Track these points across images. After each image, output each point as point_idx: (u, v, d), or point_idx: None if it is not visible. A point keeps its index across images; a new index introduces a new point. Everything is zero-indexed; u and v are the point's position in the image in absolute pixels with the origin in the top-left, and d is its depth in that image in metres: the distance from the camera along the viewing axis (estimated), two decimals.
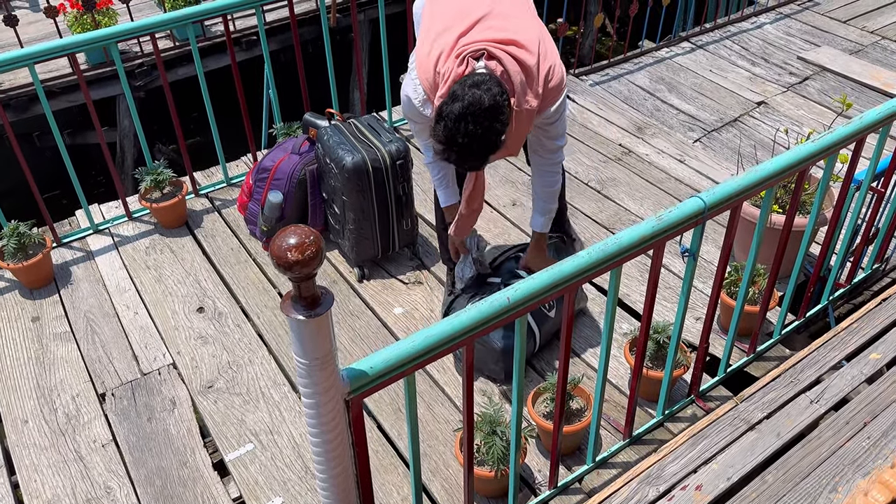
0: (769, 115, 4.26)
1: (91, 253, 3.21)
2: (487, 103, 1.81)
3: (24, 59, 2.78)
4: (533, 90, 1.99)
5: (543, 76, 2.01)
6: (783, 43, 5.03)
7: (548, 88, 2.03)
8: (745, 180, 1.94)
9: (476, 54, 1.96)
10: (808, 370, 2.30)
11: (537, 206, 2.44)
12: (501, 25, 2.03)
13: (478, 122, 1.80)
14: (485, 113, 1.80)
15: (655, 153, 3.90)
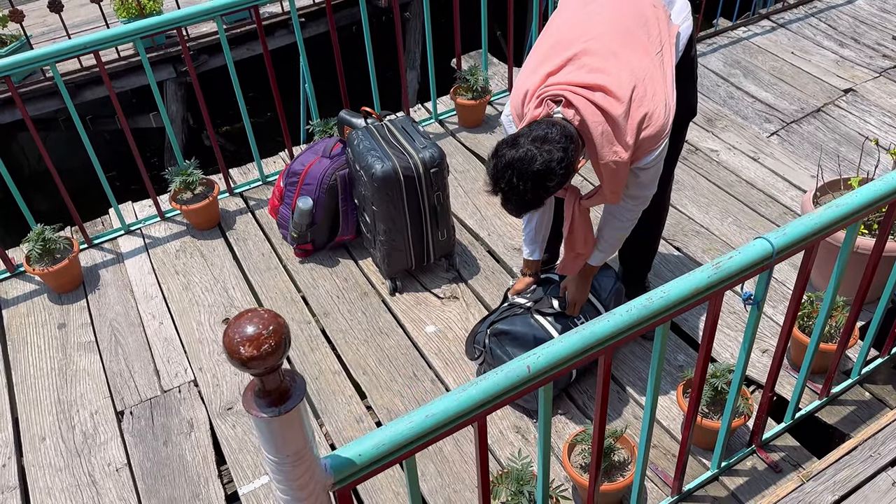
0: (857, 104, 3.81)
1: (121, 255, 3.12)
2: (537, 167, 1.67)
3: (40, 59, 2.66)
4: (621, 141, 1.79)
5: (636, 125, 1.80)
6: (877, 21, 4.50)
7: (642, 138, 1.82)
8: (821, 218, 1.63)
9: (556, 98, 1.79)
10: (891, 442, 1.98)
11: (598, 244, 2.19)
12: (596, 65, 1.82)
13: (522, 179, 1.68)
14: (531, 175, 1.68)
15: (726, 149, 3.54)
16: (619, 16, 1.90)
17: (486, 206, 3.25)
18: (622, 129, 1.78)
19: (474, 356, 2.45)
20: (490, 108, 3.88)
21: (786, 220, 3.06)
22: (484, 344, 2.36)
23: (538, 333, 2.30)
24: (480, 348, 2.39)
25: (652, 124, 1.81)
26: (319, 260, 3.03)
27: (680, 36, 2.03)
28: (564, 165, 1.69)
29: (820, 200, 2.62)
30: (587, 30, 1.88)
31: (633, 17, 1.90)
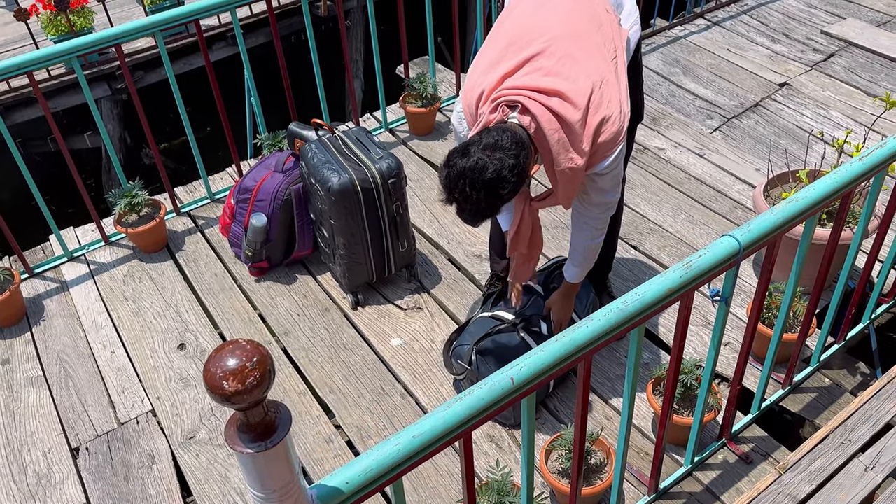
0: (793, 97, 3.94)
1: (66, 284, 2.98)
2: (489, 175, 1.64)
3: None
4: (577, 148, 1.78)
5: (592, 131, 1.79)
6: (805, 16, 4.67)
7: (598, 143, 1.81)
8: (783, 213, 1.66)
9: (512, 103, 1.77)
10: (860, 428, 2.04)
11: (573, 258, 2.20)
12: (553, 69, 1.79)
13: (474, 188, 1.65)
14: (483, 184, 1.64)
15: (672, 147, 3.61)
16: (574, 18, 1.89)
17: (444, 214, 3.23)
18: (578, 136, 1.77)
19: (457, 372, 2.41)
20: (440, 114, 3.86)
21: (736, 214, 3.14)
22: (470, 361, 2.33)
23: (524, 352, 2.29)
24: (465, 365, 2.35)
25: (608, 129, 1.80)
26: (276, 277, 2.95)
27: (630, 41, 2.05)
28: (517, 173, 1.66)
29: (770, 194, 2.69)
30: (544, 31, 1.86)
31: (588, 21, 1.90)
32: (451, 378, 2.50)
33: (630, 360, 1.62)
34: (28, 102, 4.28)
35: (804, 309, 2.31)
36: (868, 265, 2.26)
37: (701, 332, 2.63)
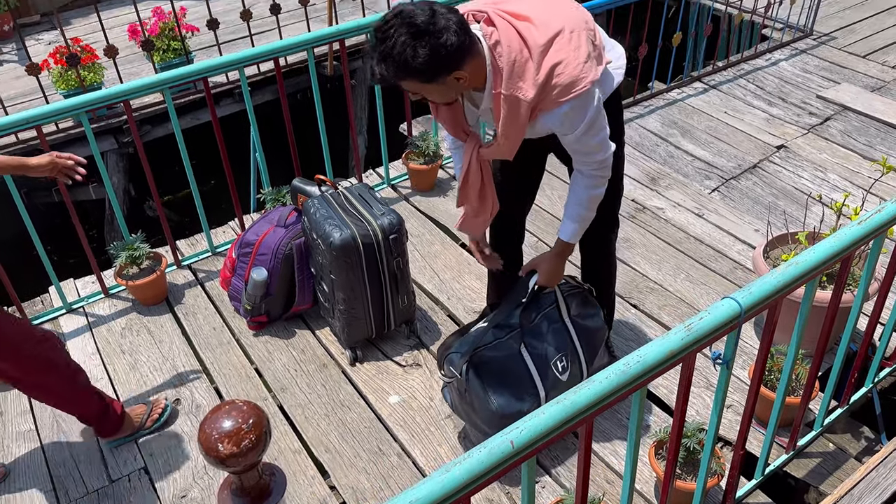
0: (790, 160, 4.00)
1: (63, 336, 2.97)
2: (420, 20, 1.61)
3: None
4: (529, 78, 1.73)
5: (548, 67, 1.72)
6: (801, 81, 4.77)
7: (551, 84, 1.74)
8: (784, 276, 1.66)
9: (478, 15, 1.77)
10: (866, 497, 2.00)
11: (569, 211, 2.06)
12: (531, 3, 1.80)
13: (401, 30, 1.62)
14: (412, 26, 1.61)
15: (671, 207, 3.64)
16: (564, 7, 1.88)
17: (444, 269, 3.24)
18: (534, 66, 1.72)
19: (446, 375, 2.31)
20: (442, 171, 3.90)
21: (737, 275, 3.14)
22: (461, 370, 2.21)
23: (520, 371, 2.23)
24: (455, 372, 2.23)
25: (566, 73, 1.73)
26: (275, 332, 2.94)
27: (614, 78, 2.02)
28: (455, 40, 1.62)
29: (770, 255, 2.69)
30: None
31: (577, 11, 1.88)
32: (449, 438, 2.46)
33: (632, 423, 1.60)
34: (34, 154, 4.33)
35: (806, 372, 2.29)
36: (870, 328, 2.26)
37: (703, 393, 2.60)
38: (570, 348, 2.32)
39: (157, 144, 4.67)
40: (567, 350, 2.31)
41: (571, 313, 2.35)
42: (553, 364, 2.28)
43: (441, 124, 2.04)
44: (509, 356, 2.24)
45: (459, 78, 1.72)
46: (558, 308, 2.34)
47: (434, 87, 1.74)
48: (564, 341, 2.31)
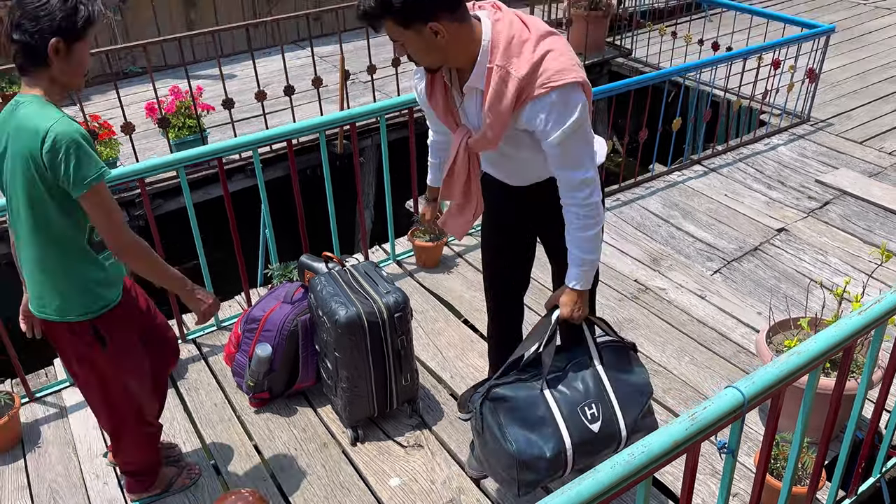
0: (791, 242, 4.05)
1: (65, 409, 2.96)
2: None
3: None
4: (526, 54, 1.82)
5: (543, 50, 1.83)
6: (799, 165, 4.88)
7: (542, 67, 1.82)
8: (786, 366, 1.68)
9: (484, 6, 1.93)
10: None
11: (570, 256, 2.05)
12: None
13: None
14: None
15: (674, 288, 3.67)
16: None
17: (448, 347, 3.24)
18: (532, 45, 1.82)
19: (464, 412, 2.21)
20: (447, 248, 3.96)
21: (740, 359, 3.14)
22: (477, 406, 2.10)
23: (541, 412, 2.07)
24: (474, 408, 2.12)
25: (559, 60, 1.82)
26: (276, 409, 2.92)
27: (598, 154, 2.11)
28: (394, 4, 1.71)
29: (773, 340, 2.71)
30: None
31: None
32: None
33: None
34: None
35: (813, 461, 2.26)
36: (875, 416, 2.25)
37: (709, 480, 2.56)
38: (602, 398, 2.13)
39: (168, 216, 4.76)
40: (597, 398, 2.12)
41: (605, 363, 2.19)
42: (581, 409, 2.09)
43: (433, 109, 2.07)
44: (530, 396, 2.09)
45: (437, 32, 1.78)
46: (589, 355, 2.20)
47: (412, 36, 1.80)
48: (595, 389, 2.13)
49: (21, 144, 1.83)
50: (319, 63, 5.51)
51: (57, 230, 1.93)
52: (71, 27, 1.81)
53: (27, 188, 1.87)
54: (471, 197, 2.16)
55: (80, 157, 1.79)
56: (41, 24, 1.79)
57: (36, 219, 1.92)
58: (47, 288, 2.01)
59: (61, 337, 2.08)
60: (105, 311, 2.05)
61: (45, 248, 1.96)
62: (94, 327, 2.05)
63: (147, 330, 2.29)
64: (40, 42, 1.80)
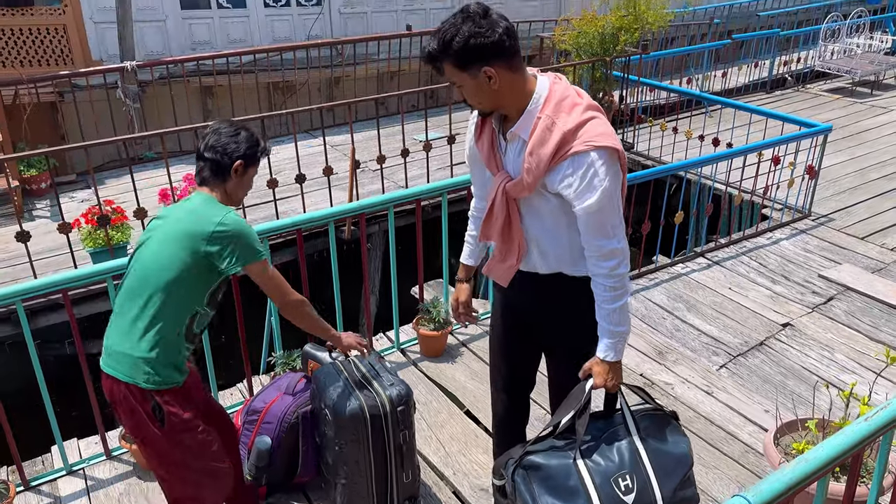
0: (797, 338, 4.03)
1: (60, 500, 2.90)
2: (472, 10, 1.91)
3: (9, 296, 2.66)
4: (575, 113, 1.97)
5: (590, 115, 1.98)
6: (802, 260, 4.92)
7: (586, 127, 1.96)
8: (794, 474, 1.65)
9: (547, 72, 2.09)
10: None
11: (601, 328, 2.09)
12: None
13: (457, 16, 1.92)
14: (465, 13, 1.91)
15: (680, 383, 3.64)
16: None
17: (451, 441, 3.20)
18: (581, 109, 1.97)
19: (496, 479, 2.17)
20: (451, 337, 3.96)
21: (748, 459, 3.08)
22: (510, 474, 2.07)
23: (574, 482, 2.03)
24: (506, 474, 2.09)
25: (600, 126, 1.96)
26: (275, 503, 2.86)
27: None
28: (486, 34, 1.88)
29: (780, 442, 2.67)
30: None
31: None
32: None
33: None
34: (54, 308, 4.45)
35: None
36: None
37: None
38: (637, 468, 2.07)
39: None
40: (632, 469, 2.07)
41: (642, 432, 2.14)
42: (614, 481, 2.04)
43: (479, 151, 2.18)
44: (563, 465, 2.06)
45: (490, 77, 1.93)
46: (625, 424, 2.14)
47: (468, 79, 1.96)
48: (630, 459, 2.08)
49: (188, 225, 2.17)
50: (331, 151, 5.67)
51: (171, 308, 2.17)
52: (251, 155, 2.30)
53: (172, 263, 2.15)
54: (512, 241, 2.18)
55: (249, 239, 2.22)
56: (232, 148, 2.26)
57: (161, 291, 2.15)
58: (128, 350, 2.17)
59: (124, 400, 2.21)
60: (168, 388, 2.21)
61: (150, 318, 2.16)
62: (155, 400, 2.19)
63: (206, 404, 2.47)
64: (227, 162, 2.25)
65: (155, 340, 2.16)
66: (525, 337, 2.41)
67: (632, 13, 6.70)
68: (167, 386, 2.20)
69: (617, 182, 1.97)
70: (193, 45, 7.88)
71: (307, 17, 8.49)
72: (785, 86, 9.69)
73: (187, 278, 2.17)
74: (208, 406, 2.50)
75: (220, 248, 2.16)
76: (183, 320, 2.22)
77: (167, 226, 2.22)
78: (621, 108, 7.27)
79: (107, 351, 2.24)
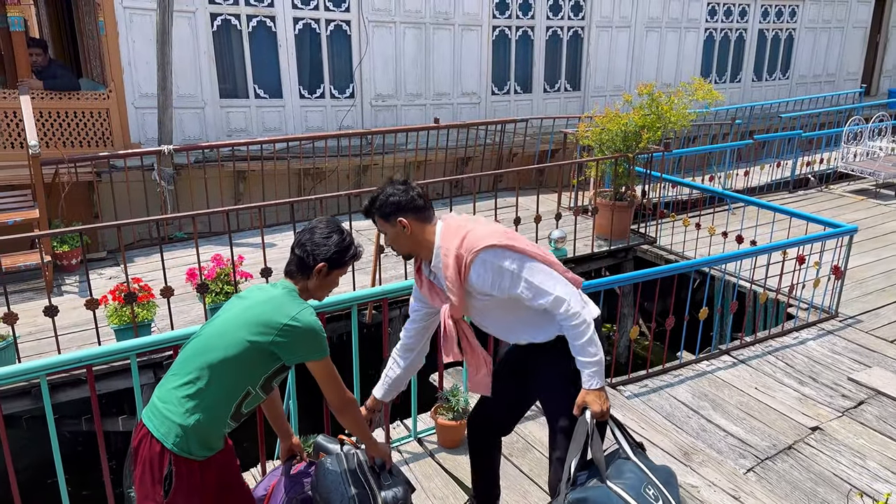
0: (827, 443, 3.91)
1: None
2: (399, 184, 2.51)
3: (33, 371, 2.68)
4: (456, 237, 2.46)
5: (463, 233, 2.47)
6: (830, 362, 4.82)
7: (465, 241, 2.43)
8: None
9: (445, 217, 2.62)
10: None
11: (579, 363, 2.45)
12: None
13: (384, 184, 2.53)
14: (392, 183, 2.51)
15: (706, 486, 3.51)
16: None
17: None
18: (460, 234, 2.46)
19: None
20: None
21: None
22: None
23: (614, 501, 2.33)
24: None
25: (475, 234, 2.44)
26: None
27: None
28: (403, 197, 2.46)
29: None
30: None
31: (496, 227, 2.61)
32: None
33: None
34: (75, 384, 4.45)
35: None
36: None
37: None
38: (651, 481, 2.41)
39: None
40: (649, 481, 2.41)
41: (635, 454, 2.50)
42: (644, 490, 2.36)
43: (419, 288, 2.67)
44: (601, 493, 2.35)
45: (405, 226, 2.46)
46: (621, 446, 2.50)
47: (390, 228, 2.50)
48: (642, 474, 2.42)
49: (263, 314, 2.23)
50: (356, 236, 5.75)
51: (223, 384, 2.22)
52: (338, 259, 2.37)
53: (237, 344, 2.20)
54: (475, 355, 2.68)
55: (317, 337, 2.27)
56: (319, 250, 2.34)
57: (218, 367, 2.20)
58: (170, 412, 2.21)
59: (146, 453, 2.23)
60: (188, 456, 2.21)
61: (200, 388, 2.21)
62: (171, 462, 2.19)
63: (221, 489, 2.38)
64: (312, 262, 2.34)
65: (198, 410, 2.20)
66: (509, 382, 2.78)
67: (654, 112, 6.87)
68: (191, 456, 2.21)
69: (516, 259, 2.42)
70: (230, 132, 8.17)
71: (340, 109, 8.80)
72: (808, 186, 9.76)
73: (247, 361, 2.22)
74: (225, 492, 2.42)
75: (288, 341, 2.22)
76: (234, 398, 2.26)
77: (244, 306, 2.29)
78: (643, 203, 7.35)
79: (152, 404, 2.28)
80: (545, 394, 2.69)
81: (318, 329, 2.28)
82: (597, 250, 6.72)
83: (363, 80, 8.83)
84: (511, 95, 9.99)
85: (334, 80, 8.71)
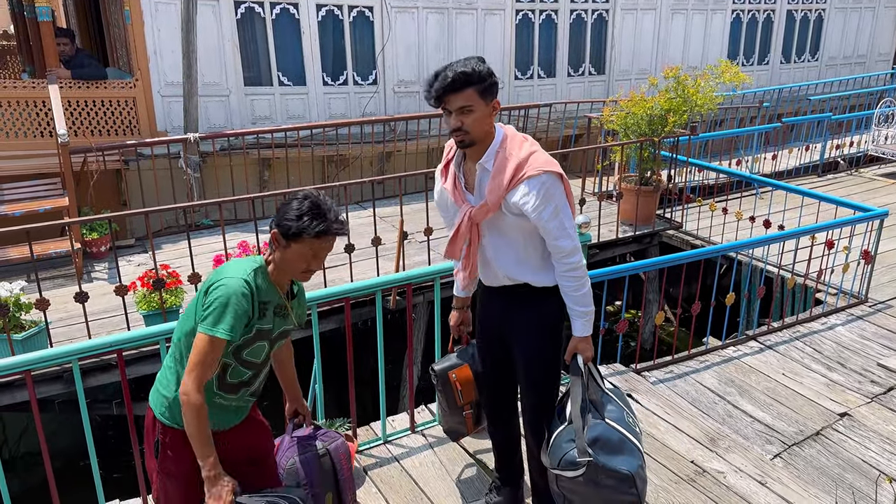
0: (855, 429, 3.86)
1: None
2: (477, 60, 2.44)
3: (65, 355, 2.73)
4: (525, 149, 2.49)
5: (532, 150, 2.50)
6: (859, 347, 4.75)
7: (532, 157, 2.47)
8: None
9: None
10: None
11: (573, 312, 2.62)
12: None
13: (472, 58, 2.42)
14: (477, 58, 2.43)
15: (732, 471, 3.49)
16: None
17: None
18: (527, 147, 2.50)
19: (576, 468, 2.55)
20: None
21: None
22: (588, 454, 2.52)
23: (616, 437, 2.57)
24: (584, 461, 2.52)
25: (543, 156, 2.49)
26: None
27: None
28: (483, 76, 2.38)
29: None
30: None
31: None
32: None
33: None
34: (105, 368, 4.54)
35: None
36: None
37: None
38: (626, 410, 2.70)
39: None
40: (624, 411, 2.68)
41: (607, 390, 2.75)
42: (626, 419, 2.64)
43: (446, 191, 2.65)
44: (605, 429, 2.58)
45: (495, 107, 2.46)
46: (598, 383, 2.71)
47: (481, 105, 2.41)
48: (618, 405, 2.69)
49: (209, 278, 2.21)
50: (380, 223, 5.78)
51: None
52: (289, 226, 2.17)
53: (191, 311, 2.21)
54: (469, 259, 2.70)
55: (222, 309, 2.10)
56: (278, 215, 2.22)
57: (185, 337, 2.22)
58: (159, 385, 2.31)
59: (148, 426, 2.34)
60: (176, 426, 2.24)
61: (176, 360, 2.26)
62: (162, 430, 2.26)
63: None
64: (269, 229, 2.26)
65: (177, 380, 2.23)
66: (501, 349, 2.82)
67: (680, 96, 6.79)
68: (178, 426, 2.23)
69: (564, 197, 2.50)
70: (254, 120, 8.22)
71: (363, 96, 8.81)
72: (837, 169, 9.59)
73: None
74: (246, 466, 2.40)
75: (205, 300, 2.14)
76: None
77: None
78: (669, 188, 7.28)
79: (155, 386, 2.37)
80: (522, 337, 2.73)
81: (233, 300, 2.09)
82: (621, 236, 6.67)
83: (386, 66, 8.82)
84: (535, 80, 9.92)
85: (357, 66, 8.71)
